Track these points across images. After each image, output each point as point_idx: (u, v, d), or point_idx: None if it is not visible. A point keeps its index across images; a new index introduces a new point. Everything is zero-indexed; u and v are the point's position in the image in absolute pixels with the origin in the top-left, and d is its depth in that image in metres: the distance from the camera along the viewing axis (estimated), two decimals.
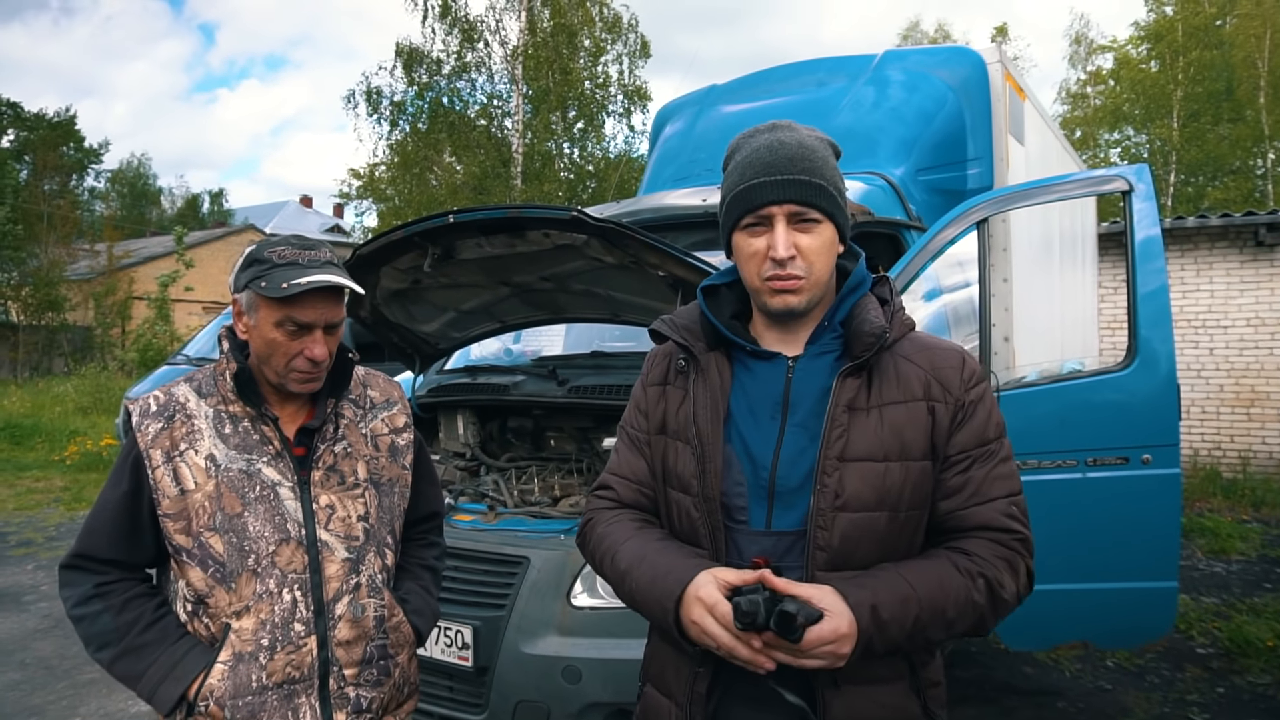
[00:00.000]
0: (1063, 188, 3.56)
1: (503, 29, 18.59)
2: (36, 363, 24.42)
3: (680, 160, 5.10)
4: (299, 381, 1.60)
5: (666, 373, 1.49)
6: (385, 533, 1.72)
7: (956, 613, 1.27)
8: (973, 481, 1.34)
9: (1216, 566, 6.22)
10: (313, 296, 1.54)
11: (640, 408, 1.52)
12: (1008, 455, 1.38)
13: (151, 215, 47.37)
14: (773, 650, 1.19)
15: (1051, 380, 3.64)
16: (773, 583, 1.20)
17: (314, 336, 1.57)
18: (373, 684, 1.66)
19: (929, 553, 1.34)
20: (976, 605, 1.28)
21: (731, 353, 1.43)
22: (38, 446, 12.02)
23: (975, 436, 1.35)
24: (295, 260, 1.55)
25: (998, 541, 1.32)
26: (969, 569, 1.29)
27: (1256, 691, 4.06)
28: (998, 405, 1.40)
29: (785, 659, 1.20)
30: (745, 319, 1.47)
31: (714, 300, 1.47)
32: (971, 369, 1.38)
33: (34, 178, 27.69)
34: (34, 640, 4.87)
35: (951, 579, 1.27)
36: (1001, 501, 1.34)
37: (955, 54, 4.66)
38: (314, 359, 1.57)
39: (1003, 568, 1.30)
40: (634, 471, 1.51)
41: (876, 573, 1.28)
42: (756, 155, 1.34)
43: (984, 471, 1.34)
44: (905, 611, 1.23)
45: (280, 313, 1.54)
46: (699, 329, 1.45)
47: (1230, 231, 8.75)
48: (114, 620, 1.55)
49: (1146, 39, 23.43)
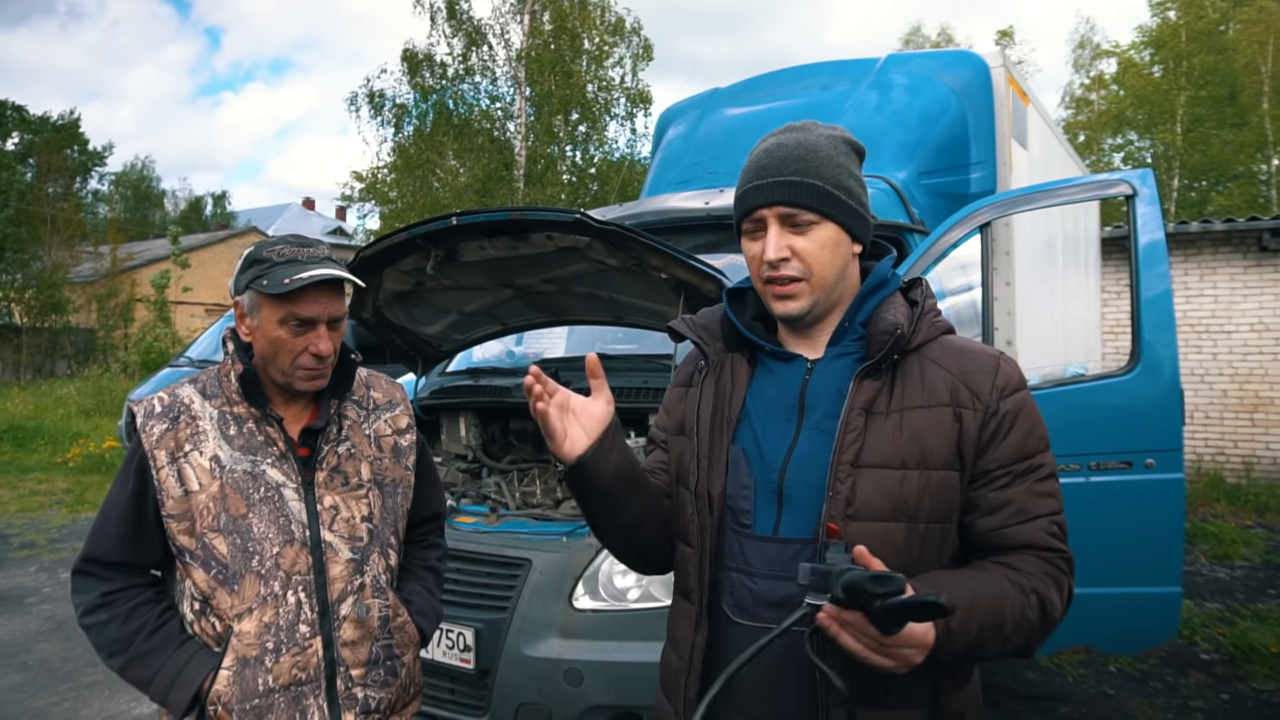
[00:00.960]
0: (1067, 191, 3.56)
1: (506, 32, 18.65)
2: (39, 365, 24.46)
3: (683, 163, 5.10)
4: (305, 379, 1.61)
5: (691, 374, 1.49)
6: (389, 533, 1.73)
7: (1013, 628, 1.21)
8: (1016, 499, 1.27)
9: (1220, 572, 6.21)
10: (314, 291, 1.55)
11: (666, 408, 1.53)
12: (1052, 470, 1.31)
13: (155, 218, 47.45)
14: (852, 628, 1.09)
15: (1055, 384, 3.64)
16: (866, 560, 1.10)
17: (318, 332, 1.58)
18: (380, 684, 1.66)
19: (978, 564, 1.28)
20: (1030, 622, 1.22)
21: (754, 354, 1.42)
22: (40, 449, 12.03)
23: (1015, 451, 1.28)
24: (294, 258, 1.57)
25: (1044, 560, 1.27)
26: (1022, 584, 1.23)
27: (1260, 698, 4.05)
28: (1040, 416, 1.33)
29: (855, 646, 1.10)
30: (770, 322, 1.45)
31: (739, 302, 1.46)
32: (1008, 375, 1.30)
33: (38, 180, 27.74)
34: (36, 642, 4.87)
35: (1009, 593, 1.21)
36: (1044, 520, 1.28)
37: (959, 58, 4.66)
38: (319, 354, 1.58)
39: (1050, 585, 1.25)
40: (650, 464, 1.51)
41: (937, 578, 1.21)
42: (755, 159, 1.33)
43: (1026, 488, 1.28)
44: (969, 623, 1.17)
45: (283, 310, 1.55)
46: (718, 329, 1.44)
47: (1234, 237, 8.74)
48: (120, 629, 1.57)
49: (1150, 44, 23.43)
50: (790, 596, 1.26)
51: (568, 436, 1.28)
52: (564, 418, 1.28)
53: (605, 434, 1.30)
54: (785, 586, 1.27)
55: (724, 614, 1.34)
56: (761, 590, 1.30)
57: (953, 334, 1.38)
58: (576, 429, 1.29)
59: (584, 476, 1.30)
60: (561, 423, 1.28)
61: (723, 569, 1.35)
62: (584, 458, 1.28)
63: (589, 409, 1.30)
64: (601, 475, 1.31)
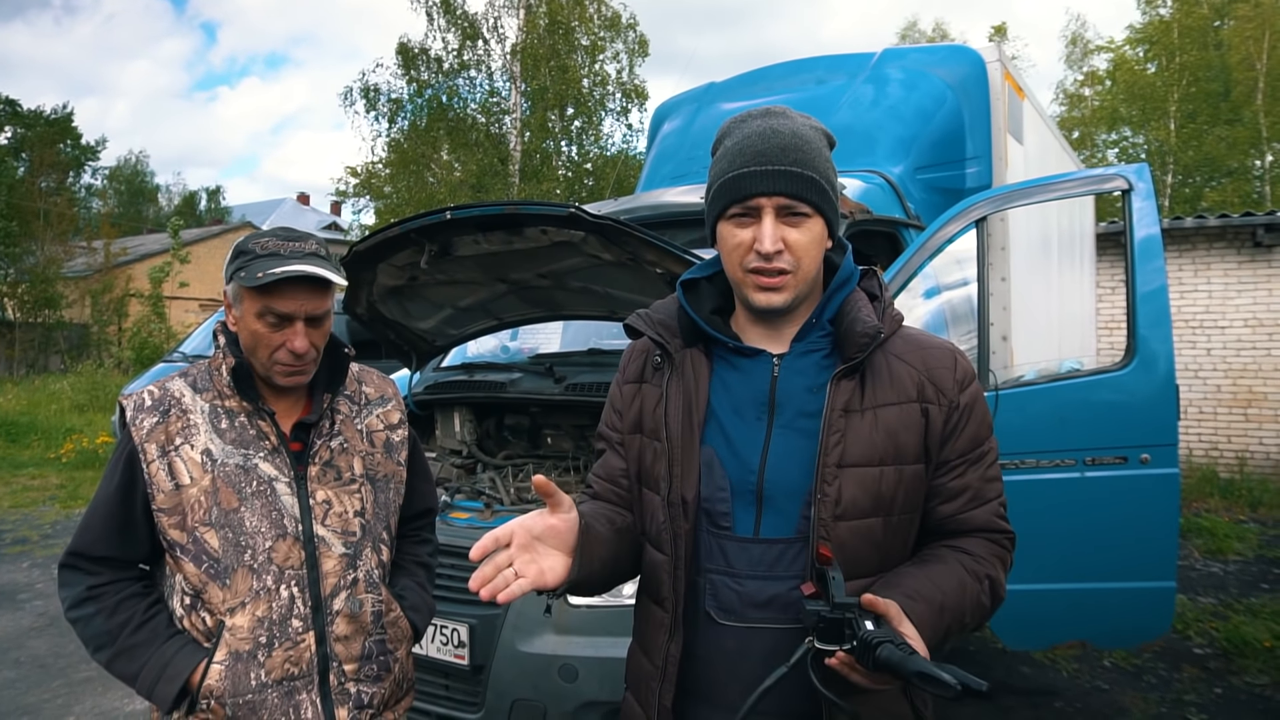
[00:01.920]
0: (1063, 186, 3.55)
1: (501, 27, 18.59)
2: (33, 360, 24.35)
3: (678, 157, 5.09)
4: (283, 375, 1.60)
5: (642, 370, 1.45)
6: (381, 528, 1.73)
7: (971, 617, 1.27)
8: (971, 485, 1.33)
9: (1214, 567, 6.23)
10: (291, 287, 1.53)
11: (615, 407, 1.48)
12: (996, 454, 1.38)
13: (148, 213, 47.27)
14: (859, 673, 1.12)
15: (1050, 379, 3.64)
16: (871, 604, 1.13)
17: (294, 328, 1.56)
18: (373, 679, 1.66)
19: (936, 554, 1.32)
20: (984, 608, 1.29)
21: (711, 349, 1.38)
22: (34, 444, 11.99)
23: (970, 441, 1.33)
24: (277, 251, 1.55)
25: (993, 541, 1.34)
26: (976, 571, 1.29)
27: (1254, 692, 4.06)
28: (987, 403, 1.40)
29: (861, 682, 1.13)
30: (727, 314, 1.42)
31: (694, 294, 1.42)
32: (964, 369, 1.35)
33: (30, 175, 27.61)
34: (29, 638, 4.85)
35: (967, 584, 1.27)
36: (994, 504, 1.34)
37: (954, 52, 4.65)
38: (295, 351, 1.56)
39: (998, 566, 1.32)
40: (608, 471, 1.47)
41: (912, 583, 1.23)
42: (748, 142, 1.27)
43: (979, 473, 1.34)
44: (940, 622, 1.21)
45: (260, 303, 1.54)
46: (675, 324, 1.39)
47: (1228, 232, 8.76)
48: (106, 623, 1.56)
49: (1143, 40, 23.45)
50: (777, 596, 1.28)
51: (545, 572, 1.20)
52: (534, 554, 1.20)
53: (579, 545, 1.24)
54: (773, 586, 1.27)
55: (706, 616, 1.32)
56: (748, 591, 1.29)
57: (903, 323, 1.39)
58: (550, 557, 1.22)
59: (578, 591, 1.28)
60: (535, 564, 1.20)
61: (700, 572, 1.33)
62: (571, 578, 1.23)
63: (554, 527, 1.22)
64: (592, 576, 1.27)
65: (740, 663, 1.29)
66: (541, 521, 1.22)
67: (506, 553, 1.18)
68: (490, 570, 1.17)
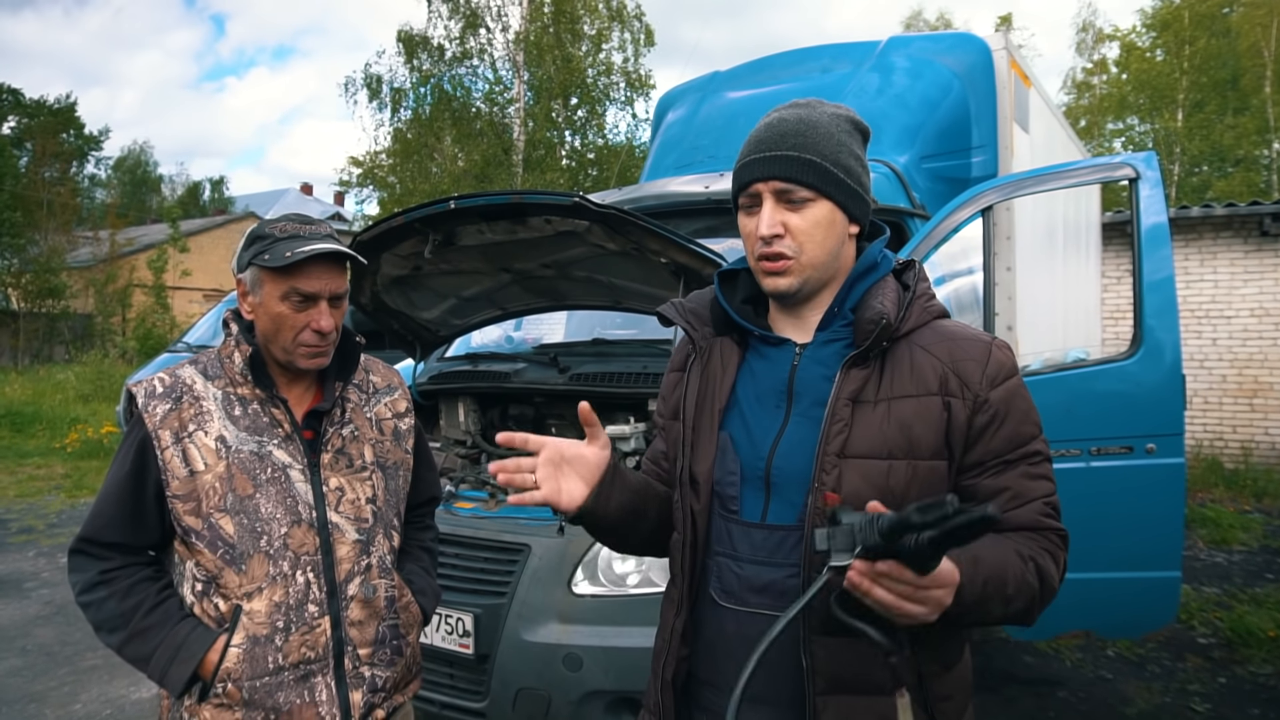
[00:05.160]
0: (1071, 175, 3.54)
1: (504, 15, 18.51)
2: (37, 350, 24.42)
3: (683, 147, 5.06)
4: (307, 356, 1.61)
5: (685, 359, 1.47)
6: (391, 515, 1.75)
7: (1015, 590, 1.19)
8: (1011, 485, 1.26)
9: (1218, 557, 6.23)
10: (316, 266, 1.56)
11: (663, 394, 1.52)
12: (1046, 454, 1.30)
13: (152, 203, 47.27)
14: (885, 579, 1.03)
15: (1056, 369, 3.63)
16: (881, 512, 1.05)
17: (319, 308, 1.59)
18: (386, 663, 1.69)
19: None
20: (1031, 586, 1.21)
21: (745, 338, 1.40)
22: (39, 434, 12.03)
23: (1009, 441, 1.26)
24: (297, 233, 1.59)
25: (1040, 537, 1.27)
26: (1021, 552, 1.22)
27: (1258, 681, 4.07)
28: (1032, 402, 1.31)
29: (887, 598, 1.03)
30: (761, 305, 1.43)
31: (731, 285, 1.44)
32: (999, 363, 1.28)
33: (34, 164, 27.62)
34: (35, 626, 4.88)
35: (1010, 557, 1.20)
36: (1038, 503, 1.27)
37: (960, 40, 4.62)
38: (321, 330, 1.59)
39: (1047, 558, 1.25)
40: (654, 454, 1.52)
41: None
42: (755, 134, 1.31)
43: (1020, 473, 1.27)
44: (975, 575, 1.12)
45: (285, 284, 1.56)
46: (707, 313, 1.42)
47: (1235, 221, 8.71)
48: (118, 606, 1.56)
49: (1152, 27, 23.30)
50: (774, 582, 1.27)
51: (562, 491, 1.25)
52: (558, 473, 1.25)
53: (603, 479, 1.28)
54: (770, 572, 1.28)
55: (709, 598, 1.34)
56: (747, 575, 1.30)
57: (946, 318, 1.35)
58: (572, 481, 1.26)
59: (589, 522, 1.31)
60: (555, 481, 1.25)
61: (710, 554, 1.35)
62: (585, 506, 1.27)
63: (584, 456, 1.27)
64: (607, 515, 1.31)
65: (739, 646, 1.29)
66: (573, 448, 1.27)
67: (531, 459, 1.24)
68: (512, 464, 1.23)
